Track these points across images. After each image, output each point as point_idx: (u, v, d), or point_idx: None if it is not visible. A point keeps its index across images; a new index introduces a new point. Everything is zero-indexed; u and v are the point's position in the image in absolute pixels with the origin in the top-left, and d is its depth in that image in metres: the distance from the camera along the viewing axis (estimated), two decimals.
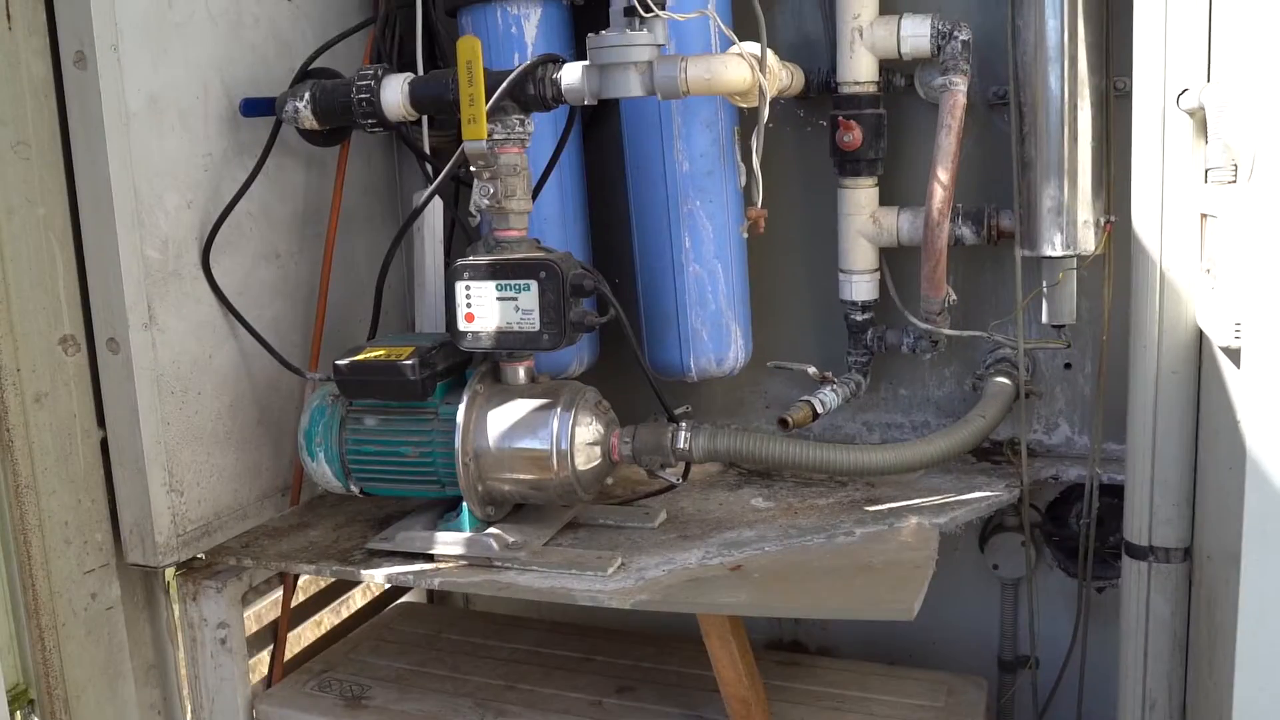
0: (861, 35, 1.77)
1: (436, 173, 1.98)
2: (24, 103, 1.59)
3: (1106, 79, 1.73)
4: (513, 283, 1.54)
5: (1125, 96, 1.74)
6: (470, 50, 1.49)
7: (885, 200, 1.88)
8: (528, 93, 1.55)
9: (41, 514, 1.62)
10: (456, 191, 2.03)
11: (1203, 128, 1.39)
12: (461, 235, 2.00)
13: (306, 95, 1.68)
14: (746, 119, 1.76)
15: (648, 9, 1.46)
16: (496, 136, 1.54)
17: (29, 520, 1.61)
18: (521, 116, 1.56)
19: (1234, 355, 1.23)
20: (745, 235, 1.60)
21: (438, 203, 1.93)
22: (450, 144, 2.07)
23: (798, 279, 2.01)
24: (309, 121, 1.69)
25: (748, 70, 1.51)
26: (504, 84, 1.52)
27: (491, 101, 1.51)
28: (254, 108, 1.80)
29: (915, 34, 1.75)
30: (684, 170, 1.79)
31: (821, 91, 1.88)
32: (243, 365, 1.84)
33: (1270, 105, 1.12)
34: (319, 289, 1.97)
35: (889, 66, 1.84)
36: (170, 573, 1.81)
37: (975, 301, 1.93)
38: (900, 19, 1.76)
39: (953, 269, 1.83)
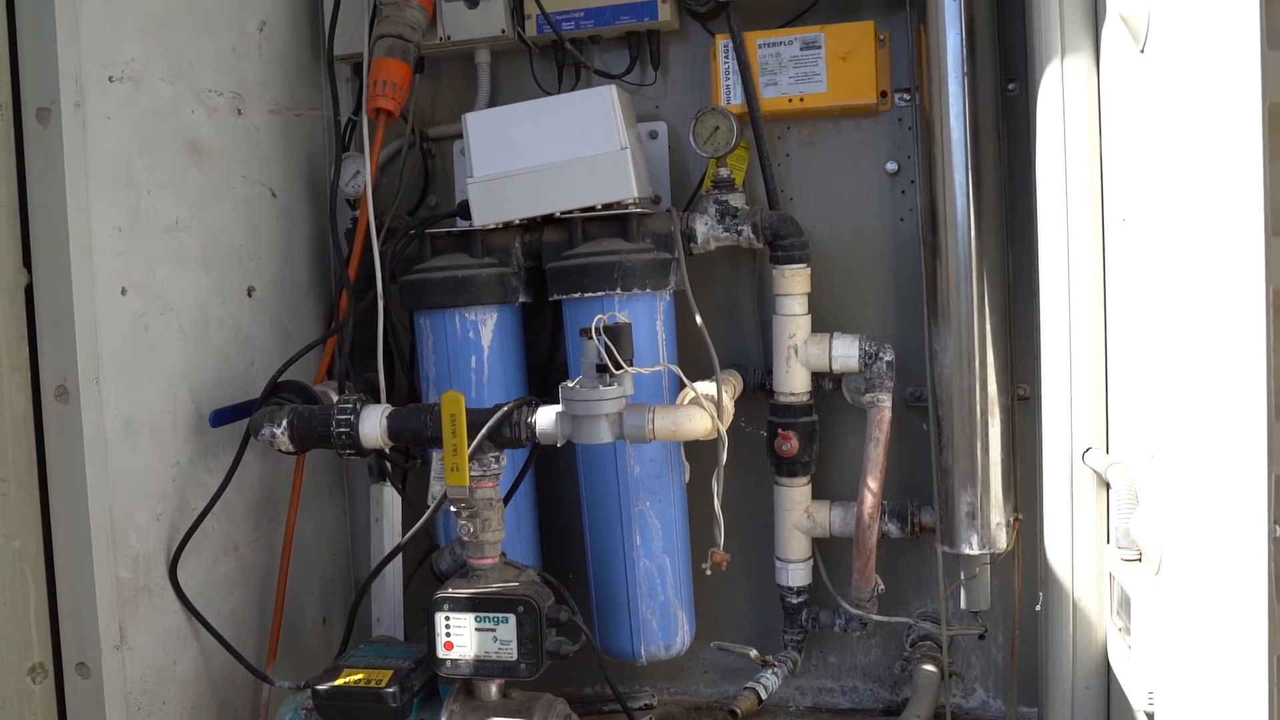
0: (797, 353, 1.95)
1: (390, 467, 2.07)
2: (5, 439, 1.62)
3: (1012, 392, 1.95)
4: (491, 615, 1.63)
5: (1027, 400, 1.98)
6: (454, 404, 1.60)
7: (816, 489, 2.05)
8: (504, 435, 1.67)
9: None
10: (405, 477, 2.12)
11: (1105, 484, 1.60)
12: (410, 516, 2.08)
13: (284, 423, 1.76)
14: None
15: (618, 366, 1.61)
16: (474, 474, 1.65)
17: None
18: (496, 454, 1.67)
19: (1149, 715, 1.41)
20: (708, 572, 1.73)
21: (395, 498, 2.02)
22: None
23: (737, 562, 2.14)
24: (285, 446, 1.76)
25: (709, 421, 1.66)
26: (483, 431, 1.64)
27: (471, 447, 1.62)
28: (223, 418, 1.87)
29: (845, 354, 1.94)
30: (635, 474, 1.93)
31: (756, 391, 2.06)
32: (204, 665, 1.87)
33: (1179, 505, 1.32)
34: (277, 580, 2.02)
35: (819, 373, 2.02)
36: None
37: (897, 579, 2.10)
38: (831, 339, 1.95)
39: (879, 553, 2.00)
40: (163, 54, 1.82)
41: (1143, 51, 1.34)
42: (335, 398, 1.94)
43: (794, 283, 1.94)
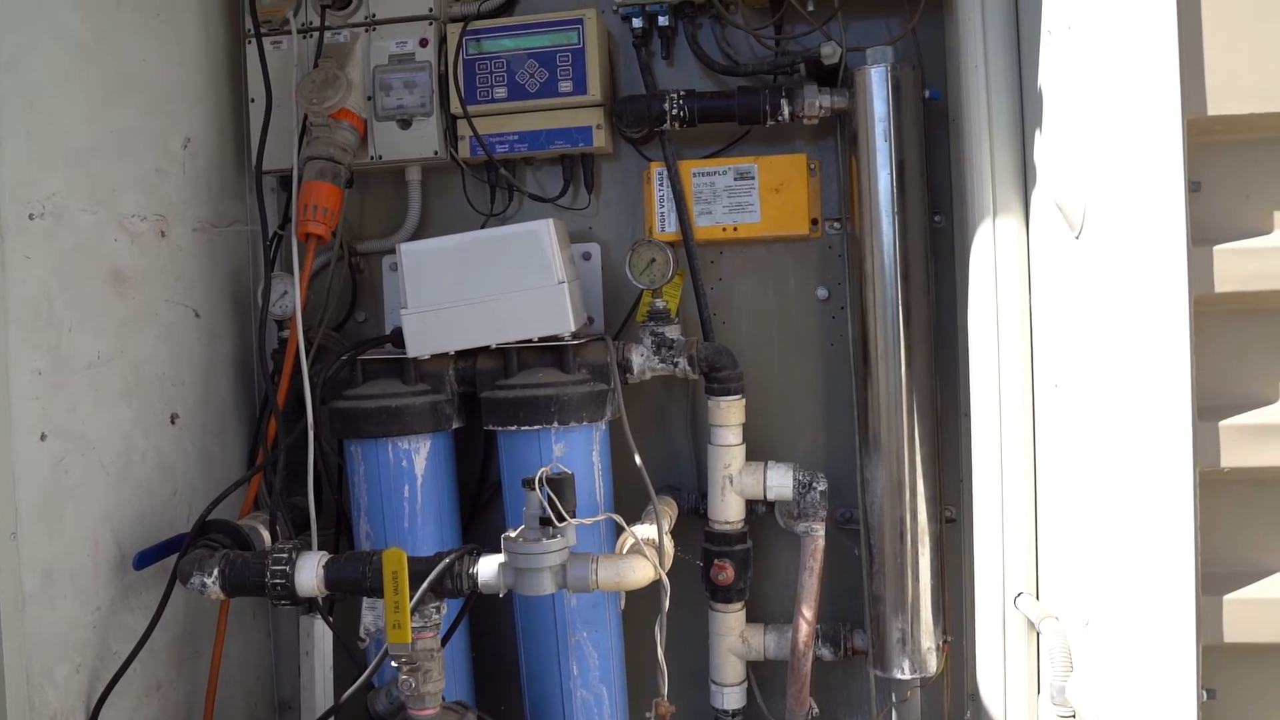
0: (732, 482, 1.97)
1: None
2: None
3: (940, 518, 1.99)
4: None
5: (953, 522, 2.03)
6: (396, 561, 1.57)
7: (750, 611, 2.07)
8: (445, 586, 1.64)
9: None
10: (332, 607, 2.07)
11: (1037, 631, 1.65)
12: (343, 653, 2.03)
13: (215, 571, 1.70)
14: None
15: (561, 519, 1.60)
16: (414, 625, 1.62)
17: None
18: (437, 604, 1.65)
19: None
20: None
21: (326, 632, 1.97)
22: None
23: (671, 682, 2.14)
24: (216, 595, 1.71)
25: (651, 571, 1.66)
26: (424, 584, 1.61)
27: (414, 601, 1.59)
28: (147, 560, 1.80)
29: (779, 484, 1.96)
30: (572, 605, 1.92)
31: (690, 515, 2.07)
32: None
33: (1115, 673, 1.36)
34: (202, 717, 1.95)
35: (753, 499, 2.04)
36: None
37: (829, 697, 2.13)
38: (766, 469, 1.97)
39: (812, 673, 2.02)
40: (85, 183, 1.77)
41: (1077, 238, 1.39)
42: (264, 532, 1.89)
43: (729, 414, 1.95)
